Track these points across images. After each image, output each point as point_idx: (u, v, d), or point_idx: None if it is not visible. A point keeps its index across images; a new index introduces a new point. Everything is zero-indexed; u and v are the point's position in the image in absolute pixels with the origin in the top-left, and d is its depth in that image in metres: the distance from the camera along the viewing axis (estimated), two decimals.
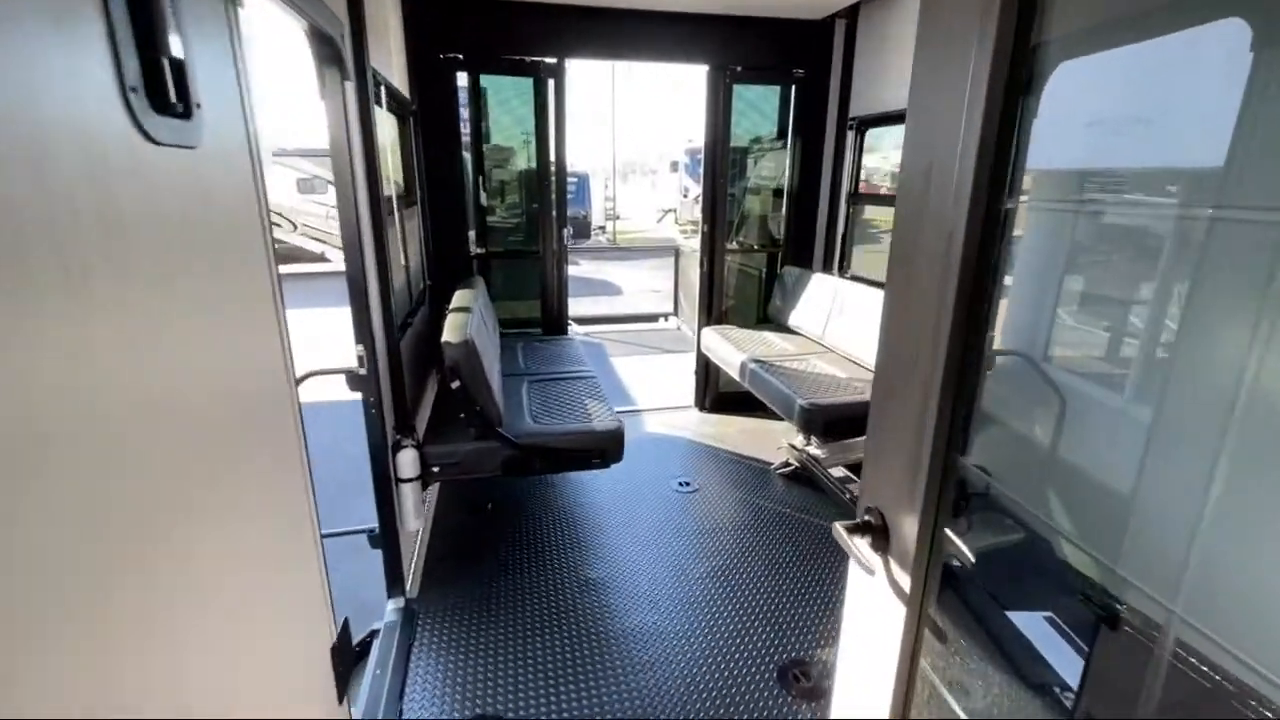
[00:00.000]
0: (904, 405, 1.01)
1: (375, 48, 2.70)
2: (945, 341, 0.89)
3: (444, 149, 4.19)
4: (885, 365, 1.08)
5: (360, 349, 2.39)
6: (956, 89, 0.86)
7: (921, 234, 0.95)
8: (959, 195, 0.86)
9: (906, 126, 1.00)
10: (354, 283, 2.32)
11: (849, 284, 4.10)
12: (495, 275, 4.73)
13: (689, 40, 4.38)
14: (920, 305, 0.96)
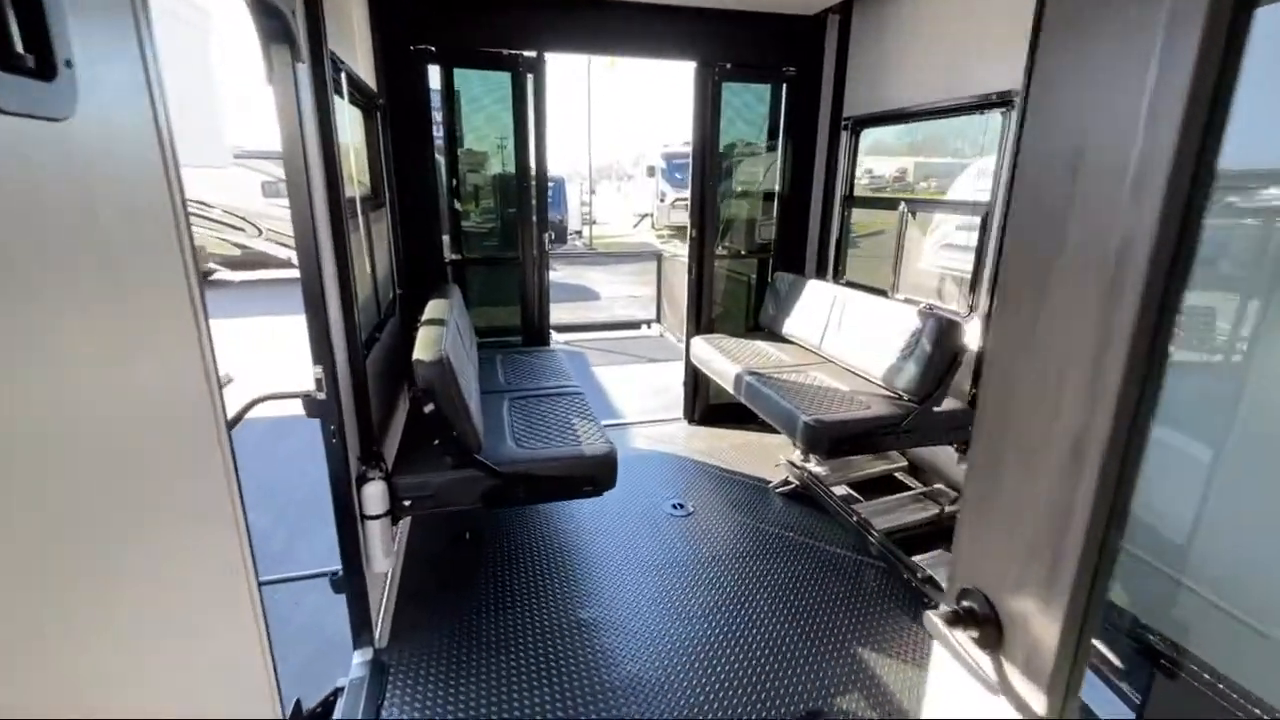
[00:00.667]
0: (1031, 466, 0.77)
1: (335, 31, 2.41)
2: (1116, 386, 0.65)
3: (415, 147, 3.88)
4: (996, 411, 0.84)
5: (318, 370, 2.09)
6: (1134, 48, 0.62)
7: (1064, 244, 0.71)
8: (1140, 191, 0.62)
9: (1030, 105, 0.76)
10: (310, 295, 2.02)
11: (847, 291, 3.90)
12: (472, 282, 4.42)
13: (676, 34, 4.15)
14: (1062, 337, 0.72)
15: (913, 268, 3.90)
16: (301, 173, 1.93)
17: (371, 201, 3.27)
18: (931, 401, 3.11)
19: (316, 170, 2.07)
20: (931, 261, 5.18)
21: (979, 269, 3.27)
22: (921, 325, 3.18)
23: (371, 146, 3.42)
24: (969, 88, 3.23)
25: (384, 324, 3.16)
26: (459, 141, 4.18)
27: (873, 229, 4.60)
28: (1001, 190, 3.06)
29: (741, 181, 4.85)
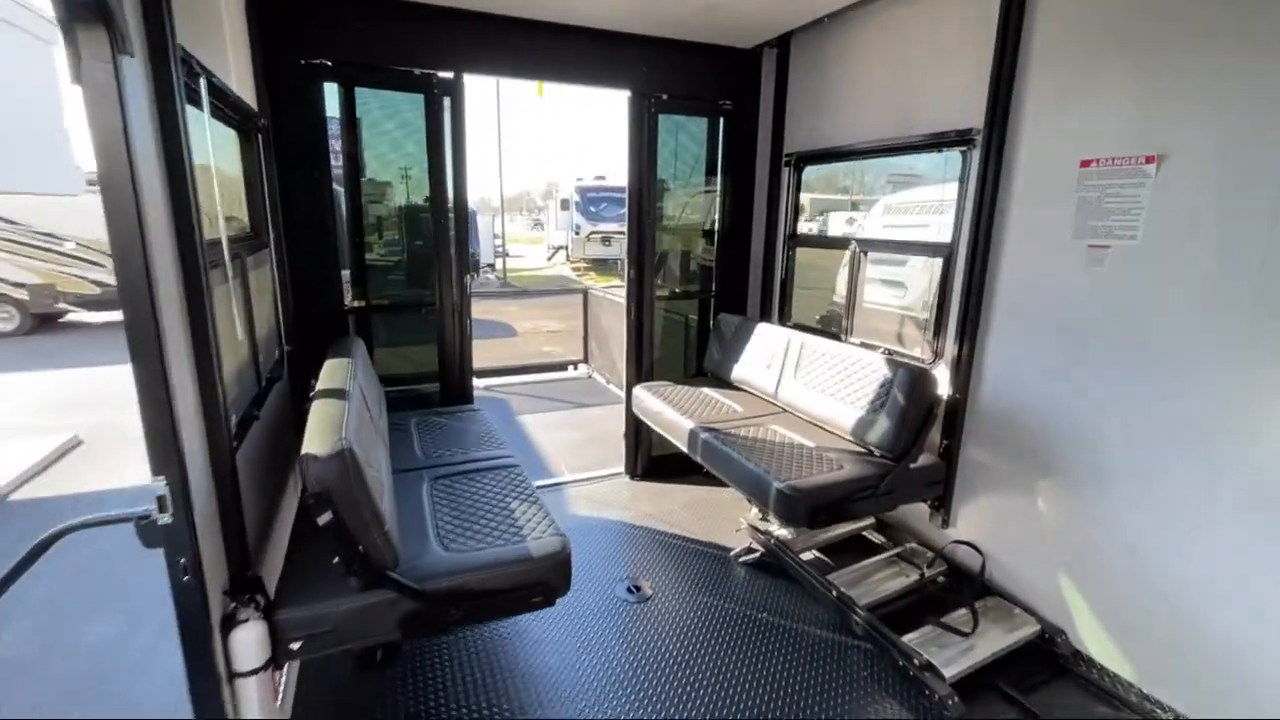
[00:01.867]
0: None
1: (192, 26, 1.85)
2: None
3: (308, 176, 3.27)
4: None
5: (160, 484, 1.48)
6: None
7: None
8: None
9: None
10: (146, 381, 1.43)
11: (801, 335, 3.65)
12: (380, 332, 3.80)
13: (609, 61, 3.83)
14: None
15: (856, 304, 3.72)
16: (130, 208, 1.36)
17: (250, 243, 2.65)
18: (908, 459, 2.86)
19: (157, 204, 1.50)
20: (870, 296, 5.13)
21: (942, 312, 3.10)
22: (891, 375, 2.95)
23: (251, 176, 2.80)
24: (922, 125, 3.10)
25: (266, 395, 2.52)
26: (362, 169, 3.59)
27: (809, 265, 4.43)
28: (965, 230, 2.91)
29: (679, 218, 4.56)
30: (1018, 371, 2.75)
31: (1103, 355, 2.41)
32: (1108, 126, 2.33)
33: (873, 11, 3.32)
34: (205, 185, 1.93)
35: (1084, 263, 2.45)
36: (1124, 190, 2.29)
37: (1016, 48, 2.61)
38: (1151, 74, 2.19)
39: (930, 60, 3.06)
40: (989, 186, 2.74)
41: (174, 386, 1.47)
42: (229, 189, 2.62)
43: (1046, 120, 2.55)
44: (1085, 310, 2.46)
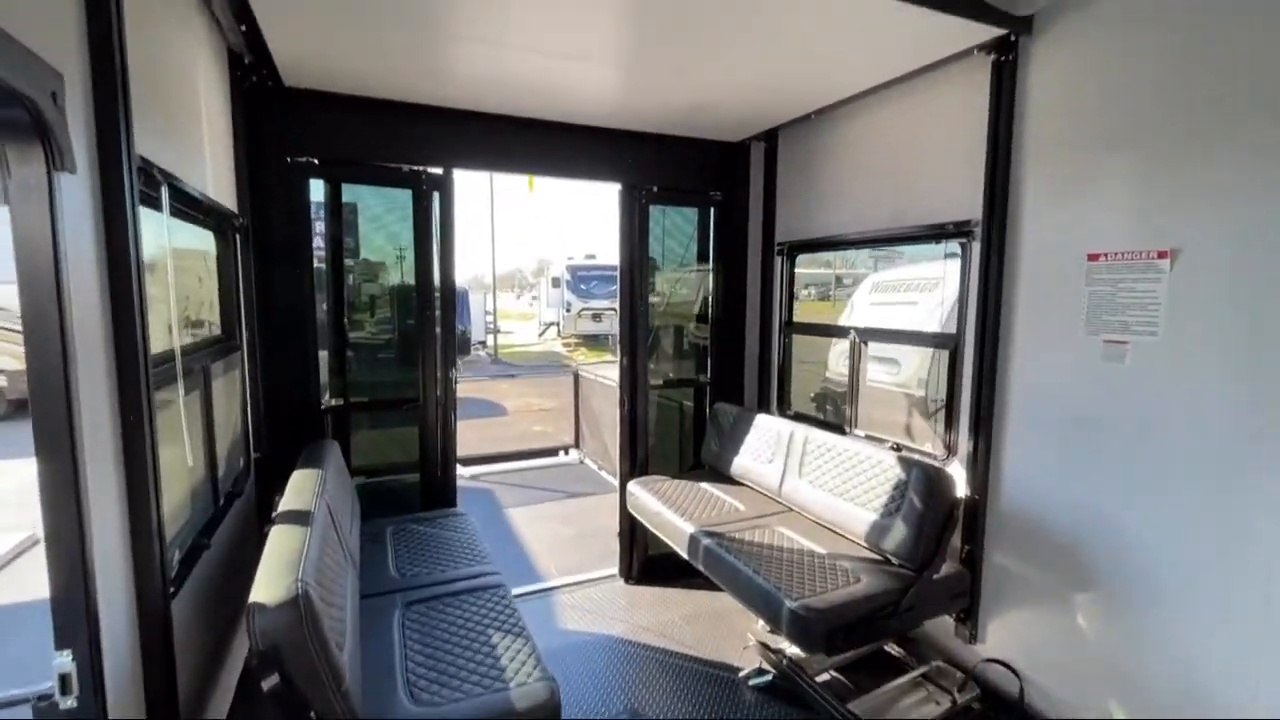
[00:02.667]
0: None
1: (158, 127, 1.75)
2: None
3: (288, 273, 3.16)
4: None
5: (66, 659, 1.23)
6: None
7: None
8: None
9: None
10: (55, 535, 1.21)
11: (804, 429, 3.47)
12: (358, 433, 3.58)
13: (599, 156, 3.84)
14: None
15: (858, 393, 3.57)
16: (53, 332, 1.18)
17: (220, 346, 2.48)
18: (931, 569, 2.62)
19: (93, 321, 1.33)
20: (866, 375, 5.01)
21: (953, 405, 2.95)
22: (905, 475, 2.75)
23: (226, 276, 2.68)
24: (917, 216, 3.07)
25: (223, 515, 2.27)
26: (346, 253, 3.49)
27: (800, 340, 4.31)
28: (970, 320, 2.81)
29: (670, 296, 4.48)
30: (1039, 471, 2.57)
31: (1134, 456, 2.24)
32: (1114, 220, 2.27)
33: (859, 108, 3.36)
34: (162, 294, 1.78)
35: (1101, 358, 2.32)
36: (1138, 285, 2.20)
37: (1010, 141, 2.60)
38: (1156, 169, 2.15)
39: (921, 153, 3.06)
40: (993, 279, 2.65)
41: (92, 537, 1.25)
42: (199, 290, 2.48)
43: (1047, 213, 2.50)
44: (1108, 408, 2.31)
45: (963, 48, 2.60)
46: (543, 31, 2.45)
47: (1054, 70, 2.44)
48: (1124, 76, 2.22)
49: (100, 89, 1.33)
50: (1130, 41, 2.19)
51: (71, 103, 1.23)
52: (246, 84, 2.84)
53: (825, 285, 21.31)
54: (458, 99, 3.28)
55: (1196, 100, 2.03)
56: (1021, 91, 2.55)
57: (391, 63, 2.79)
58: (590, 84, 3.04)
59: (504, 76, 2.93)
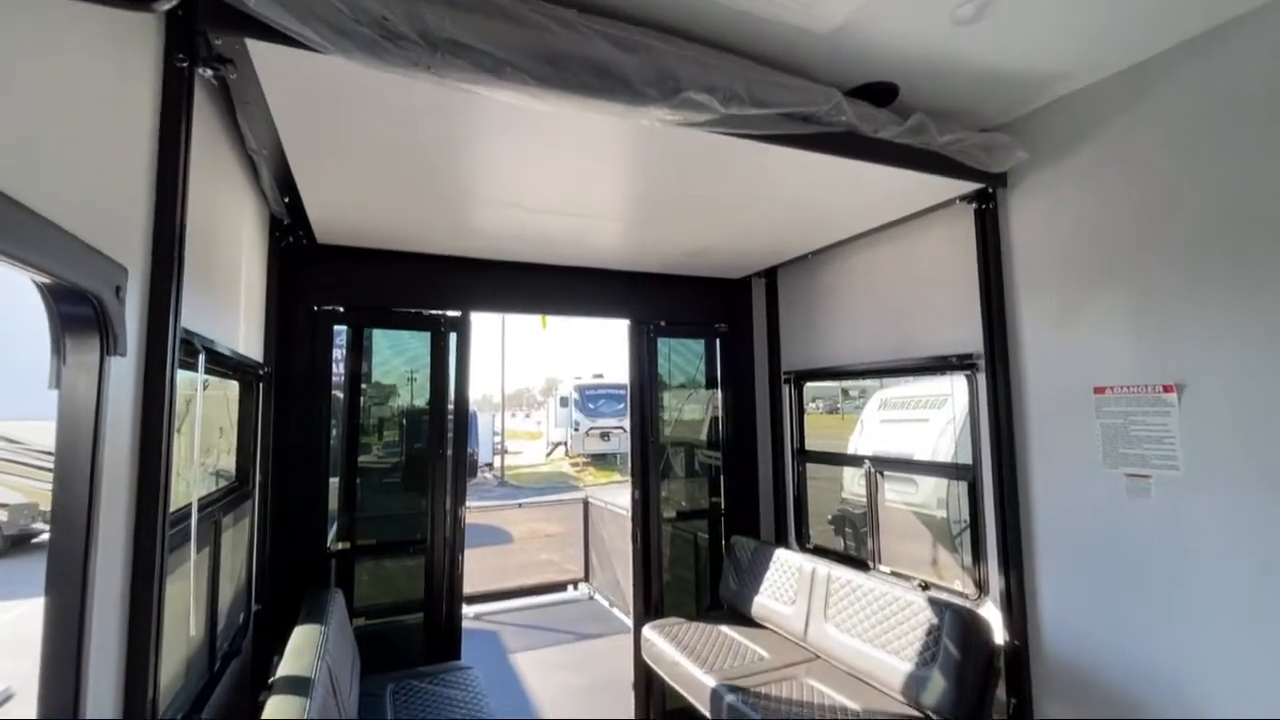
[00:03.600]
0: None
1: (200, 301, 1.88)
2: None
3: (306, 416, 3.23)
4: None
5: None
6: None
7: None
8: None
9: None
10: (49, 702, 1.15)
11: (826, 566, 3.33)
12: (362, 575, 3.46)
13: (608, 295, 4.05)
14: None
15: (879, 526, 3.46)
16: (83, 501, 1.20)
17: (233, 496, 2.48)
18: None
19: (119, 486, 1.35)
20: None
21: (978, 539, 2.85)
22: (938, 619, 2.60)
23: (245, 423, 2.74)
24: (920, 348, 3.15)
25: (217, 681, 2.15)
26: (361, 379, 3.57)
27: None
28: (985, 450, 2.79)
29: (681, 422, 4.49)
30: (1081, 613, 2.42)
31: (1180, 598, 2.12)
32: (1115, 353, 2.32)
33: (853, 248, 3.58)
34: (186, 450, 1.82)
35: (1125, 492, 2.28)
36: (1149, 419, 2.21)
37: (1000, 279, 2.72)
38: (1147, 305, 2.23)
39: (918, 287, 3.20)
40: (1002, 411, 2.67)
41: (86, 703, 1.18)
42: (219, 442, 2.52)
43: (1047, 346, 2.57)
44: (1142, 545, 2.23)
45: (945, 199, 2.81)
46: (559, 196, 2.68)
47: (1031, 218, 2.62)
48: (1097, 221, 2.38)
49: (158, 277, 1.45)
50: (1100, 190, 2.37)
51: (131, 289, 1.34)
52: (283, 243, 3.08)
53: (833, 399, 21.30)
54: (476, 250, 3.53)
55: (1172, 242, 2.15)
56: (1005, 235, 2.72)
57: (416, 223, 3.04)
58: (600, 235, 3.28)
59: (520, 231, 3.17)
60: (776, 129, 2.06)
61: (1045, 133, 2.53)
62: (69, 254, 1.10)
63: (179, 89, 1.52)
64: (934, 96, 2.44)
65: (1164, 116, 2.17)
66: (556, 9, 1.73)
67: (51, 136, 1.07)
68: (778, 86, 2.03)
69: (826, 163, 2.31)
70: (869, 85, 2.33)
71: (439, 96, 1.79)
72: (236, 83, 1.70)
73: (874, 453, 3.57)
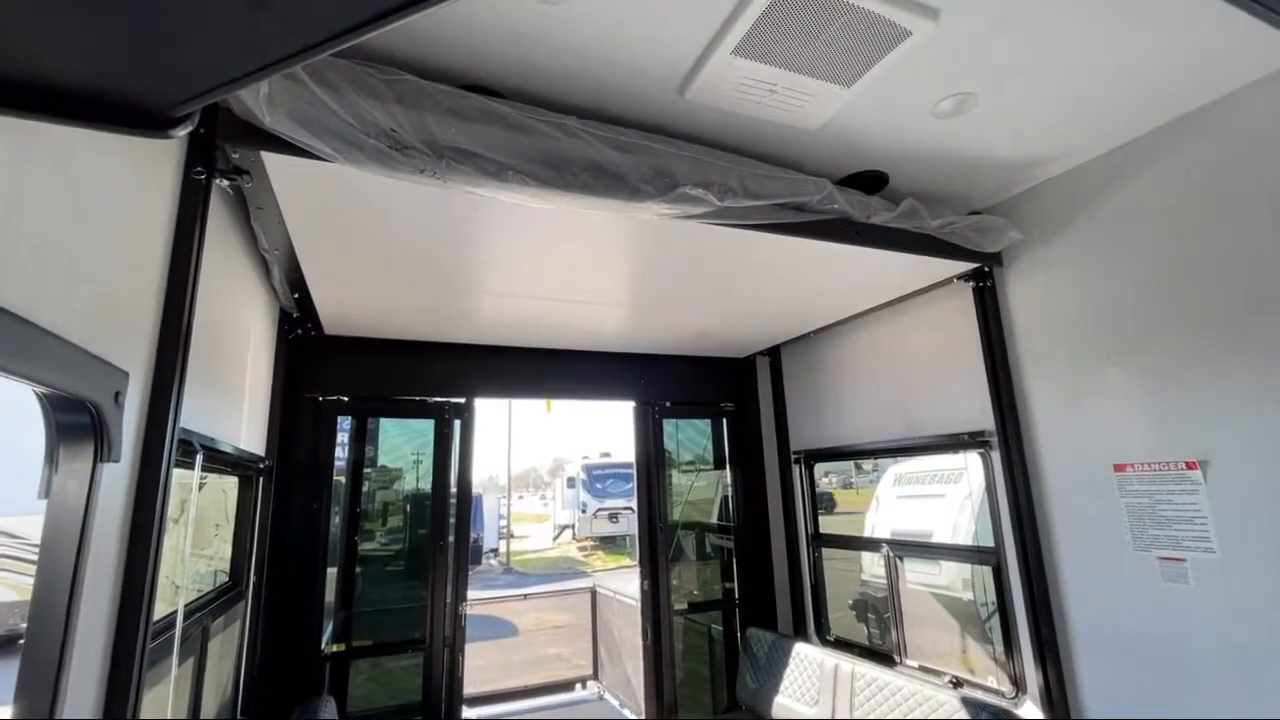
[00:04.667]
0: None
1: (204, 397, 1.88)
2: None
3: (307, 507, 3.16)
4: None
5: None
6: None
7: None
8: None
9: None
10: None
11: (850, 662, 3.12)
12: (357, 677, 3.27)
13: (612, 378, 4.06)
14: None
15: (902, 617, 3.26)
16: (60, 617, 1.14)
17: (225, 598, 2.38)
18: None
19: (101, 595, 1.29)
20: None
21: (1008, 628, 2.68)
22: None
23: (243, 519, 2.67)
24: (930, 426, 3.10)
25: None
26: (365, 463, 3.52)
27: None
28: (1007, 530, 2.67)
29: (691, 510, 4.36)
30: (1129, 711, 2.23)
31: (1233, 689, 1.95)
32: (1131, 429, 2.26)
33: (855, 325, 3.59)
34: (178, 550, 1.76)
35: (1161, 578, 2.15)
36: (1175, 497, 2.12)
37: (1005, 355, 2.71)
38: (1160, 380, 2.19)
39: (925, 365, 3.18)
40: (1020, 490, 2.58)
41: None
42: (214, 540, 2.45)
43: (1061, 423, 2.51)
44: (1185, 634, 2.08)
45: (942, 278, 2.85)
46: (561, 286, 2.74)
47: (1030, 295, 2.64)
48: (1095, 298, 2.38)
49: (160, 379, 1.46)
50: (1096, 267, 2.39)
51: (130, 394, 1.34)
52: (291, 335, 3.13)
53: (846, 473, 20.83)
54: (479, 336, 3.57)
55: (1176, 317, 2.14)
56: (1005, 312, 2.73)
57: (422, 314, 3.10)
58: (603, 320, 3.32)
59: (523, 318, 3.21)
60: (771, 219, 2.12)
61: (1037, 213, 2.59)
62: (70, 364, 1.10)
63: (195, 198, 1.58)
64: (924, 182, 2.52)
65: (1155, 193, 2.22)
66: (556, 116, 1.83)
67: (64, 248, 1.10)
68: (771, 179, 2.11)
69: (823, 248, 2.36)
70: (859, 174, 2.42)
71: (444, 198, 1.86)
72: (251, 191, 1.78)
73: (892, 532, 3.42)
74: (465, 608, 3.41)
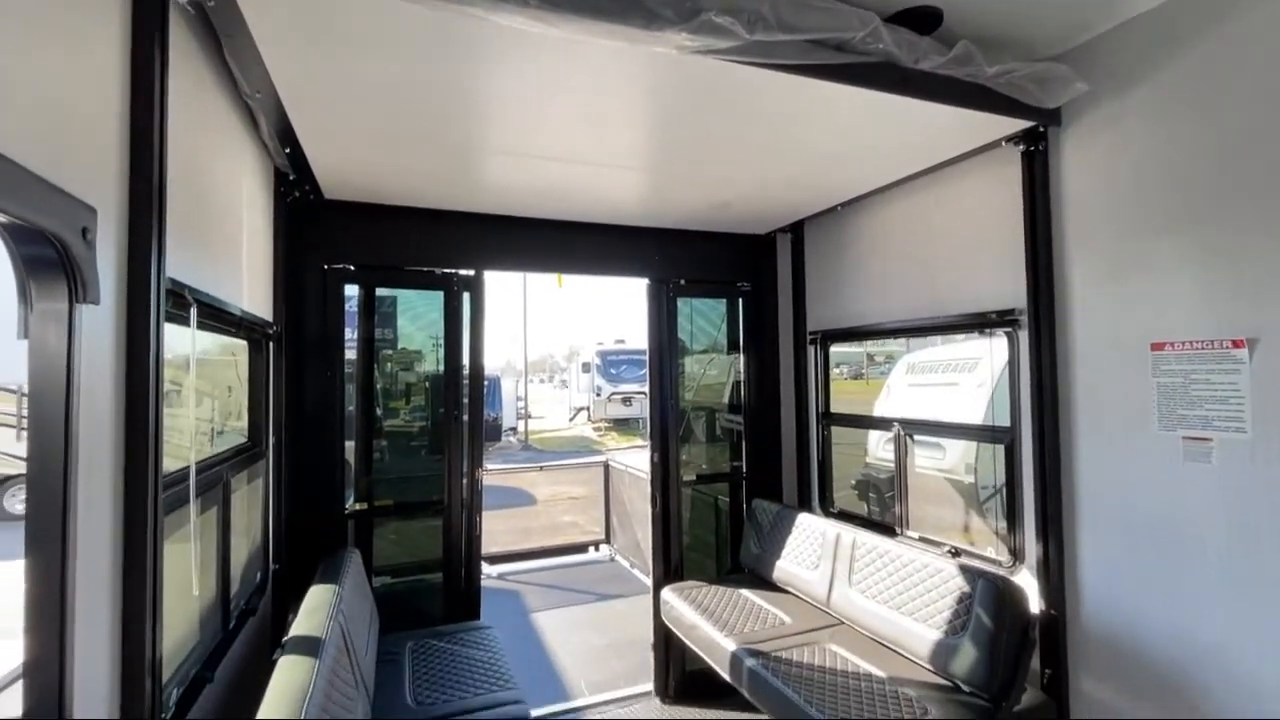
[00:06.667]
0: None
1: (195, 253, 1.79)
2: None
3: (319, 375, 3.18)
4: None
5: None
6: None
7: None
8: None
9: None
10: (35, 667, 1.11)
11: (851, 531, 3.22)
12: (381, 536, 3.47)
13: (627, 253, 3.89)
14: None
15: (907, 492, 3.32)
16: (58, 466, 1.13)
17: (244, 456, 2.45)
18: (1010, 701, 2.29)
19: (103, 444, 1.29)
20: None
21: (1014, 505, 2.71)
22: (970, 588, 2.49)
23: (256, 383, 2.69)
24: (956, 305, 2.96)
25: (232, 640, 2.14)
26: (383, 344, 3.53)
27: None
28: (1025, 412, 2.62)
29: (702, 386, 4.38)
30: (1126, 583, 2.28)
31: (1238, 571, 1.97)
32: (1176, 307, 2.12)
33: (886, 198, 3.35)
34: (184, 408, 1.76)
35: (1181, 457, 2.10)
36: (1213, 377, 2.02)
37: (1049, 228, 2.51)
38: (1218, 254, 2.01)
39: (956, 240, 2.99)
40: (1046, 370, 2.49)
41: (74, 668, 1.14)
42: (228, 400, 2.48)
43: (1099, 301, 2.36)
44: (1198, 512, 2.06)
45: (990, 140, 2.58)
46: (574, 143, 2.52)
47: (1088, 159, 2.38)
48: (1168, 161, 2.14)
49: (136, 221, 1.36)
50: (1171, 126, 2.13)
51: (104, 233, 1.24)
52: (289, 198, 2.98)
53: (857, 363, 20.97)
54: (489, 205, 3.40)
55: (1258, 183, 1.92)
56: (1055, 180, 2.50)
57: (427, 176, 2.91)
58: (617, 188, 3.11)
59: (534, 184, 3.02)
60: (805, 58, 1.87)
61: (1110, 61, 2.27)
62: (25, 190, 1.00)
63: (151, 16, 1.39)
64: (983, 22, 2.19)
65: (1258, 36, 1.91)
66: None
67: (7, 70, 0.97)
68: (809, 8, 1.83)
69: (861, 99, 2.11)
70: (910, 10, 2.10)
71: (441, 25, 1.64)
72: (217, 10, 1.57)
73: (902, 417, 3.43)
74: (481, 473, 3.53)
